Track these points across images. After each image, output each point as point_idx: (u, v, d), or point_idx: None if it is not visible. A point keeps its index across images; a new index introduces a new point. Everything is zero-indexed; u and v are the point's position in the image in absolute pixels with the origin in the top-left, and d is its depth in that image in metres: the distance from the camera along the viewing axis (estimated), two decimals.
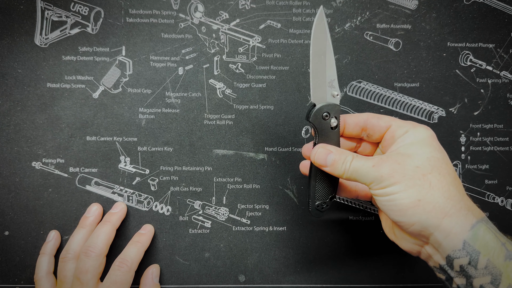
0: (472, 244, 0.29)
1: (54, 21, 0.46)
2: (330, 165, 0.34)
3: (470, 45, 0.47)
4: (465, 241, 0.29)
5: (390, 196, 0.30)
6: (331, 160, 0.34)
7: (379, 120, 0.35)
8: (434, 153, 0.32)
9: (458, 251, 0.29)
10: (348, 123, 0.37)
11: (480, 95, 0.48)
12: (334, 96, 0.36)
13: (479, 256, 0.29)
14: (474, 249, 0.29)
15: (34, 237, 0.45)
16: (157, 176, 0.46)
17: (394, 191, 0.30)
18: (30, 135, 0.46)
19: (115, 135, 0.46)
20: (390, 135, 0.35)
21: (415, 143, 0.32)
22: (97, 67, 0.46)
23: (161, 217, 0.46)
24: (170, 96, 0.46)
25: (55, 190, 0.46)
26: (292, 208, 0.47)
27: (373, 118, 0.36)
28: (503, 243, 0.29)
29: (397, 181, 0.30)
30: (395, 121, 0.35)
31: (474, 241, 0.29)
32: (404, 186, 0.30)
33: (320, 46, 0.35)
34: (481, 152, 0.48)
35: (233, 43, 0.47)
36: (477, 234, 0.29)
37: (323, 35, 0.35)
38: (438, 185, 0.30)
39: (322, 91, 0.36)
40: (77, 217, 0.45)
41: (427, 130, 0.33)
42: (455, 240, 0.29)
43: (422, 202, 0.29)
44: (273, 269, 0.46)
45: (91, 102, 0.46)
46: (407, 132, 0.33)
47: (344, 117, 0.37)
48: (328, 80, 0.35)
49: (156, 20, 0.46)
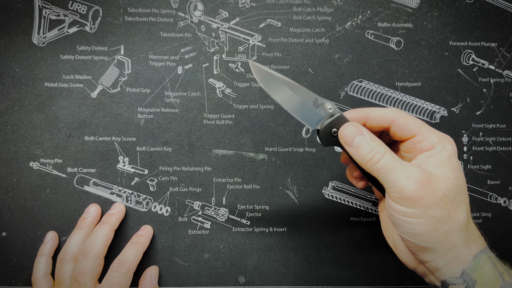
0: (471, 273, 0.29)
1: (52, 19, 0.45)
2: (356, 147, 0.31)
3: (472, 44, 0.47)
4: (464, 270, 0.29)
5: (407, 218, 0.29)
6: (358, 141, 0.30)
7: (407, 124, 0.32)
8: (459, 179, 0.30)
9: (455, 278, 0.30)
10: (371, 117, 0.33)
11: (482, 94, 0.47)
12: (328, 110, 0.33)
13: (475, 285, 0.29)
14: (471, 278, 0.29)
15: (32, 238, 0.45)
16: (156, 176, 0.46)
17: (414, 215, 0.28)
18: (28, 135, 0.45)
19: (113, 135, 0.46)
20: (411, 145, 0.32)
21: (444, 163, 0.30)
22: (95, 66, 0.46)
23: (160, 218, 0.46)
24: (169, 95, 0.46)
25: (53, 190, 0.45)
26: (292, 208, 0.46)
27: (400, 119, 0.32)
28: (501, 273, 0.30)
29: (422, 206, 0.28)
30: (423, 130, 0.32)
31: (473, 271, 0.29)
32: (426, 214, 0.28)
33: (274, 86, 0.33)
34: (484, 152, 0.47)
35: (233, 42, 0.46)
36: (477, 264, 0.29)
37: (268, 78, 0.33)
38: (455, 216, 0.29)
39: (313, 115, 0.33)
40: (75, 218, 0.45)
41: (452, 145, 0.32)
42: (455, 268, 0.29)
43: (436, 233, 0.28)
44: (273, 270, 0.46)
45: (90, 101, 0.46)
46: (434, 148, 0.31)
47: (367, 112, 0.33)
48: (309, 103, 0.33)
49: (155, 19, 0.46)
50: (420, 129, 0.32)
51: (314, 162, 0.47)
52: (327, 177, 0.47)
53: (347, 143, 0.31)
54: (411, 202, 0.28)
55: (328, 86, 0.47)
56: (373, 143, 0.30)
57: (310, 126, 0.33)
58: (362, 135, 0.31)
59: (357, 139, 0.31)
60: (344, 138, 0.32)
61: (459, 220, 0.29)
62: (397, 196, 0.29)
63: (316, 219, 0.47)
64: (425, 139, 0.31)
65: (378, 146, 0.30)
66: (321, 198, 0.47)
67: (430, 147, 0.31)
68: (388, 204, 0.30)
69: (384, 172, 0.29)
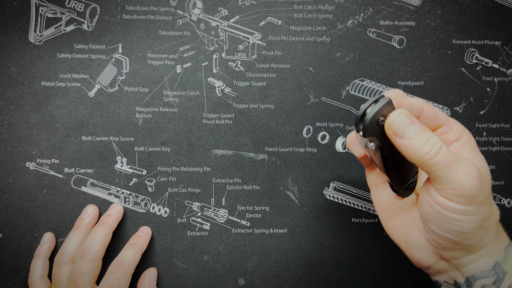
0: (502, 265, 0.29)
1: (49, 17, 0.45)
2: (410, 138, 0.26)
3: (476, 42, 0.46)
4: (496, 262, 0.29)
5: (460, 216, 0.26)
6: (412, 132, 0.26)
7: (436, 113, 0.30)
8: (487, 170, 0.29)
9: (486, 272, 0.29)
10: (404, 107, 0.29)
11: (486, 93, 0.46)
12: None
13: (505, 276, 0.29)
14: (502, 269, 0.29)
15: (28, 240, 0.44)
16: (154, 177, 0.45)
17: (468, 213, 0.26)
18: (24, 135, 0.45)
19: (111, 135, 0.45)
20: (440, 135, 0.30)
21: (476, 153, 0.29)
22: (93, 65, 0.45)
23: (158, 219, 0.45)
24: (167, 95, 0.45)
25: (49, 191, 0.45)
26: (293, 210, 0.46)
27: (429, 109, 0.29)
28: None
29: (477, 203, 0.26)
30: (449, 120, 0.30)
31: (504, 262, 0.29)
32: (478, 211, 0.26)
33: None
34: (487, 152, 0.46)
35: (233, 40, 0.46)
36: (508, 255, 0.30)
37: None
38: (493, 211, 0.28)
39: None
40: (72, 219, 0.44)
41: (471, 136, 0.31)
42: (488, 261, 0.29)
43: (481, 229, 0.27)
44: (274, 272, 0.45)
45: (87, 101, 0.45)
46: (462, 137, 0.30)
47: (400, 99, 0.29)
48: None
49: (153, 17, 0.45)
50: (447, 119, 0.30)
51: (315, 162, 0.46)
52: (328, 178, 0.46)
53: (397, 134, 0.27)
54: (469, 199, 0.26)
55: (329, 85, 0.46)
56: (427, 134, 0.26)
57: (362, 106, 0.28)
58: (414, 125, 0.26)
59: (410, 128, 0.26)
60: (394, 128, 0.26)
61: (495, 214, 0.29)
62: (454, 193, 0.26)
63: (317, 220, 0.46)
64: (451, 129, 0.30)
65: (433, 137, 0.26)
66: (322, 199, 0.46)
67: (457, 137, 0.30)
68: (437, 201, 0.27)
69: (443, 167, 0.26)
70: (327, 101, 0.46)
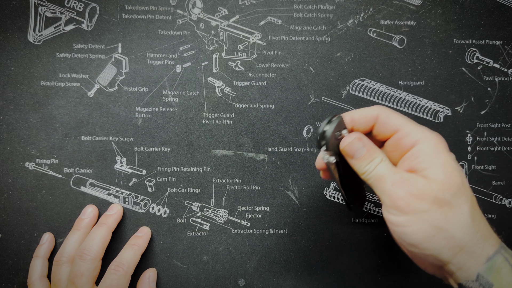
0: (486, 276, 0.28)
1: (48, 17, 0.44)
2: (358, 158, 0.31)
3: (476, 42, 0.46)
4: (479, 273, 0.28)
5: (402, 228, 0.28)
6: (361, 153, 0.31)
7: (389, 119, 0.31)
8: (453, 177, 0.28)
9: (471, 282, 0.29)
10: (355, 120, 0.32)
11: (487, 93, 0.46)
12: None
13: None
14: (487, 281, 0.28)
15: (28, 240, 0.44)
16: (154, 177, 0.45)
17: (408, 224, 0.28)
18: (23, 135, 0.44)
19: (111, 135, 0.45)
20: (394, 141, 0.32)
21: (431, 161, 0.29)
22: (92, 65, 0.45)
23: (158, 219, 0.45)
24: (167, 94, 0.45)
25: (49, 191, 0.44)
26: (293, 210, 0.46)
27: (382, 115, 0.32)
28: None
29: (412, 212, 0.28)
30: (405, 126, 0.31)
31: (488, 274, 0.28)
32: (418, 220, 0.28)
33: None
34: (488, 153, 0.46)
35: (233, 40, 0.45)
36: (492, 266, 0.28)
37: None
38: (455, 218, 0.28)
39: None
40: (71, 219, 0.44)
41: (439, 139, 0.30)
42: (469, 272, 0.28)
43: (436, 238, 0.28)
44: (274, 273, 0.45)
45: (86, 100, 0.45)
46: (418, 143, 0.30)
47: (351, 114, 0.32)
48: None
49: (153, 16, 0.45)
50: (403, 125, 0.31)
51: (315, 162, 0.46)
52: None
53: (349, 155, 0.31)
54: (401, 210, 0.28)
55: (329, 85, 0.46)
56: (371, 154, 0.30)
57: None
58: (364, 147, 0.31)
59: (359, 151, 0.31)
60: (347, 150, 0.31)
61: (460, 221, 0.28)
62: (388, 205, 0.29)
63: (318, 220, 0.46)
64: (407, 134, 0.30)
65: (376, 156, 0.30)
66: (323, 199, 0.46)
67: (412, 143, 0.30)
68: (384, 217, 0.30)
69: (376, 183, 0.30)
70: (328, 101, 0.46)
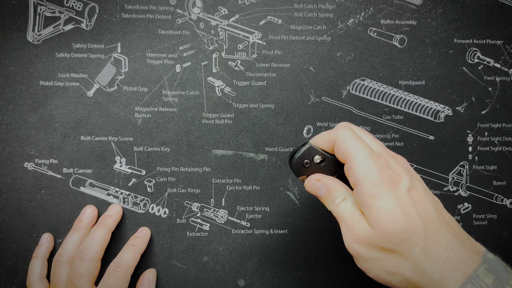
0: None
1: (47, 16, 0.44)
2: (321, 198, 0.33)
3: (477, 41, 0.46)
4: None
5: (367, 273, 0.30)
6: (322, 193, 0.33)
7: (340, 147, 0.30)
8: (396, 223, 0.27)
9: None
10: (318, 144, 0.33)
11: (488, 93, 0.46)
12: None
13: None
14: None
15: (27, 240, 0.44)
16: (153, 177, 0.45)
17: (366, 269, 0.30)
18: (22, 135, 0.44)
19: (110, 135, 0.45)
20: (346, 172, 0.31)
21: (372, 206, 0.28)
22: (91, 65, 0.45)
23: (157, 220, 0.45)
24: (167, 94, 0.45)
25: (48, 191, 0.44)
26: (293, 210, 0.45)
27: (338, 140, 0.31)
28: None
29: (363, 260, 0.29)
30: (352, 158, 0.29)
31: None
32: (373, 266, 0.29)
33: None
34: (489, 153, 0.46)
35: (233, 39, 0.45)
36: None
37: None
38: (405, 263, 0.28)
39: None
40: (71, 220, 0.44)
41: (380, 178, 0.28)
42: None
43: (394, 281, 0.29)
44: (274, 273, 0.45)
45: (86, 100, 0.45)
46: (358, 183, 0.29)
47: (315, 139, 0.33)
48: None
49: (152, 16, 0.45)
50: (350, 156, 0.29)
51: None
52: None
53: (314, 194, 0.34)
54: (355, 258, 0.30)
55: (329, 84, 0.46)
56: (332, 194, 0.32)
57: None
58: (324, 187, 0.32)
59: (320, 192, 0.33)
60: (310, 191, 0.34)
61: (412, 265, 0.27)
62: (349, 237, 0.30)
63: (318, 220, 0.46)
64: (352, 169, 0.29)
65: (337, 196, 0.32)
66: None
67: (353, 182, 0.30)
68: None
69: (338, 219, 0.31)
70: (328, 100, 0.46)
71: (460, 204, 0.46)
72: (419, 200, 0.28)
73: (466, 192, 0.46)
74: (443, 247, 0.27)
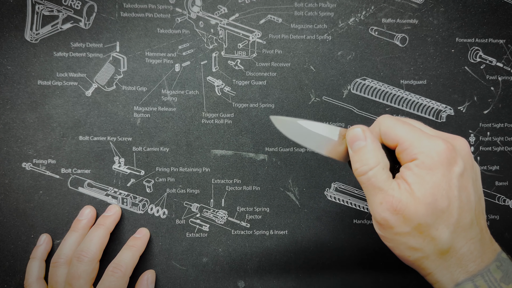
0: None
1: (45, 15, 0.44)
2: (354, 151, 0.30)
3: (479, 40, 0.46)
4: None
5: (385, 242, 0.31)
6: (358, 146, 0.30)
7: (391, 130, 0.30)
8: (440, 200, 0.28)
9: None
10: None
11: (490, 93, 0.46)
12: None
13: None
14: None
15: (24, 241, 0.44)
16: (152, 177, 0.45)
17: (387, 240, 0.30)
18: (20, 135, 0.44)
19: (108, 135, 0.44)
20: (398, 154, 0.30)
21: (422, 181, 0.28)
22: (90, 64, 0.44)
23: (156, 221, 0.44)
24: (166, 94, 0.45)
25: (46, 192, 0.44)
26: (293, 211, 0.45)
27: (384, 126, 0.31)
28: None
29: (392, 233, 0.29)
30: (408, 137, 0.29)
31: None
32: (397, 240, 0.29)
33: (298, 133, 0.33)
34: (491, 153, 0.46)
35: (232, 38, 0.45)
36: None
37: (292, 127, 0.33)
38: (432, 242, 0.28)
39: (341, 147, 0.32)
40: (69, 221, 0.44)
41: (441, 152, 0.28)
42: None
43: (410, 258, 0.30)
44: (274, 274, 0.45)
45: (84, 100, 0.44)
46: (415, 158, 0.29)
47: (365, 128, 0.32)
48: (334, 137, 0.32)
49: (151, 15, 0.45)
50: (405, 137, 0.29)
51: (316, 163, 0.45)
52: (330, 179, 0.45)
53: (349, 144, 0.31)
54: (382, 227, 0.29)
55: (330, 84, 0.45)
56: (369, 154, 0.30)
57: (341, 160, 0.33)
58: (364, 141, 0.30)
59: (358, 143, 0.30)
60: (347, 139, 0.31)
61: (437, 245, 0.28)
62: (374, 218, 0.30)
63: (318, 221, 0.45)
64: (406, 148, 0.29)
65: (372, 158, 0.29)
66: (323, 200, 0.45)
67: (410, 158, 0.29)
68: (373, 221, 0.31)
69: (365, 188, 0.30)
70: (329, 100, 0.45)
71: None
72: (465, 186, 0.29)
73: None
74: (468, 237, 0.28)
